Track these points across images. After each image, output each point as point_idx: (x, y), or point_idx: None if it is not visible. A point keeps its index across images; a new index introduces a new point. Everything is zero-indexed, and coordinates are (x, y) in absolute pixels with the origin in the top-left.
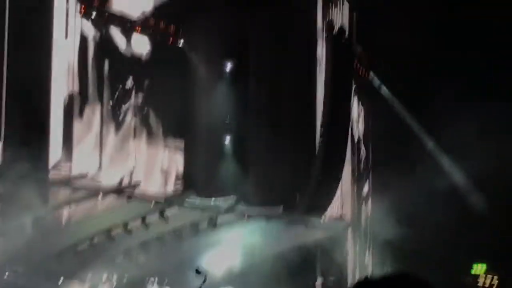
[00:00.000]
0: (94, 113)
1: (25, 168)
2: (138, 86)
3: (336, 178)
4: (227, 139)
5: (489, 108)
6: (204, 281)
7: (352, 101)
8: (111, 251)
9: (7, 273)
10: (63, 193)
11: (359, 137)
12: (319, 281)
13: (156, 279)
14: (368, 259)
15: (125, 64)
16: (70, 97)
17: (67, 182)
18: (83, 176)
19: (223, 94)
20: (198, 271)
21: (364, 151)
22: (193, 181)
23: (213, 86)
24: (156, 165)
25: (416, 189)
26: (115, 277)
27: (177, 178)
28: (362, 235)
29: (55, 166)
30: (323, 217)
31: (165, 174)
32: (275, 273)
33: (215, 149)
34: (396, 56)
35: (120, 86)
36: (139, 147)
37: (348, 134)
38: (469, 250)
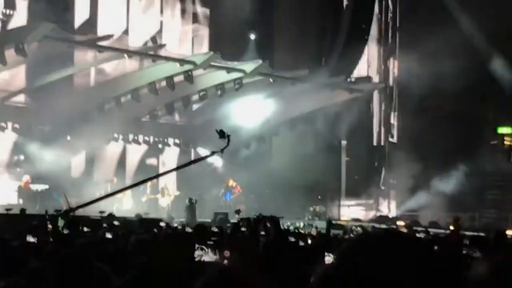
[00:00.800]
0: None
1: (51, 28)
2: None
3: (362, 39)
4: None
5: None
6: (227, 144)
7: None
8: (138, 110)
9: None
10: (89, 54)
11: None
12: (343, 144)
13: (181, 140)
14: (394, 120)
15: None
16: None
17: (93, 42)
18: (109, 37)
19: None
20: (221, 134)
21: (392, 7)
22: (219, 44)
23: None
24: (183, 27)
25: (443, 47)
26: (141, 137)
27: (203, 40)
28: (388, 95)
29: (81, 27)
30: (349, 78)
31: (192, 36)
32: (301, 134)
33: (242, 15)
34: None
35: None
36: (166, 10)
37: None
38: (494, 113)
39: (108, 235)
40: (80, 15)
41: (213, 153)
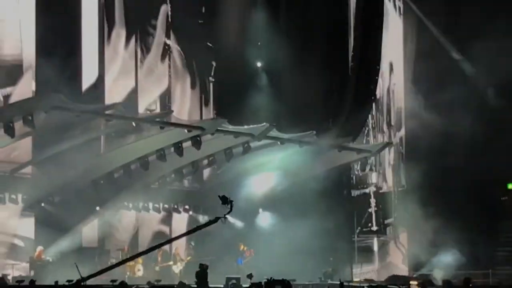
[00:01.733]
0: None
1: (59, 99)
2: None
3: (369, 101)
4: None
5: None
6: (230, 209)
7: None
8: (147, 178)
9: (42, 204)
10: (97, 122)
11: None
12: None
13: (192, 206)
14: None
15: None
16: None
17: (101, 111)
18: (117, 105)
19: (255, 19)
20: (223, 200)
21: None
22: (225, 108)
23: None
24: (188, 93)
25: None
26: (150, 204)
27: (209, 105)
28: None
29: (89, 91)
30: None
31: (198, 101)
32: (310, 194)
33: (248, 77)
34: None
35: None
36: (171, 74)
37: (380, 58)
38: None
39: None
40: (88, 78)
41: (217, 218)
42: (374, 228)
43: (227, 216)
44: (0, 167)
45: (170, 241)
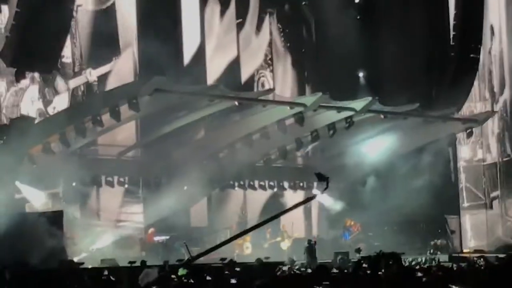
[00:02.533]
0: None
1: (162, 82)
2: None
3: (471, 69)
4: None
5: None
6: (327, 186)
7: None
8: (251, 157)
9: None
10: (201, 102)
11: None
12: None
13: (292, 183)
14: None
15: None
16: None
17: (203, 92)
18: (216, 86)
19: None
20: (319, 177)
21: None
22: (328, 84)
23: None
24: (289, 70)
25: None
26: (256, 182)
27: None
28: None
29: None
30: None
31: (298, 78)
32: (415, 168)
33: (349, 53)
34: None
35: None
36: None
37: (482, 26)
38: None
39: (233, 281)
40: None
41: (314, 196)
42: (466, 204)
43: (324, 192)
44: (107, 151)
45: (272, 218)
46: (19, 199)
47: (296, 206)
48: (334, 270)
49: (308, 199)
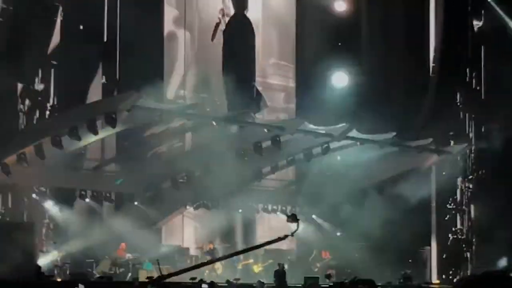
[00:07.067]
0: None
1: (140, 98)
2: None
3: (450, 103)
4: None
5: None
6: (297, 228)
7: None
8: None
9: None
10: (179, 120)
11: None
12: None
13: (271, 206)
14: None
15: None
16: None
17: (181, 111)
18: (196, 105)
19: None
20: (293, 218)
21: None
22: (305, 109)
23: None
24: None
25: None
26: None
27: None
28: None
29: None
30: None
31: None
32: (388, 197)
33: (328, 76)
34: None
35: None
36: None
37: (463, 57)
38: None
39: None
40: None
41: (285, 236)
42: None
43: (294, 234)
44: (86, 164)
45: (242, 252)
46: None
47: (268, 243)
48: None
49: (279, 238)
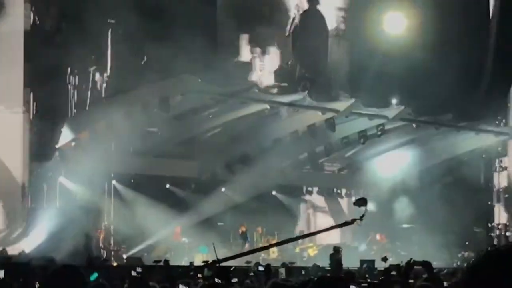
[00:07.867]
0: None
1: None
2: None
3: (508, 82)
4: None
5: None
6: (365, 211)
7: None
8: (279, 159)
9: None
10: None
11: None
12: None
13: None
14: None
15: None
16: None
17: (235, 94)
18: (249, 88)
19: None
20: (362, 202)
21: None
22: (359, 91)
23: None
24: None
25: None
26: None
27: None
28: None
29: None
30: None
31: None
32: (447, 179)
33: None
34: None
35: None
36: None
37: None
38: None
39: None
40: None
41: (353, 220)
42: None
43: (362, 218)
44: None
45: (301, 237)
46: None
47: (334, 227)
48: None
49: (347, 223)
